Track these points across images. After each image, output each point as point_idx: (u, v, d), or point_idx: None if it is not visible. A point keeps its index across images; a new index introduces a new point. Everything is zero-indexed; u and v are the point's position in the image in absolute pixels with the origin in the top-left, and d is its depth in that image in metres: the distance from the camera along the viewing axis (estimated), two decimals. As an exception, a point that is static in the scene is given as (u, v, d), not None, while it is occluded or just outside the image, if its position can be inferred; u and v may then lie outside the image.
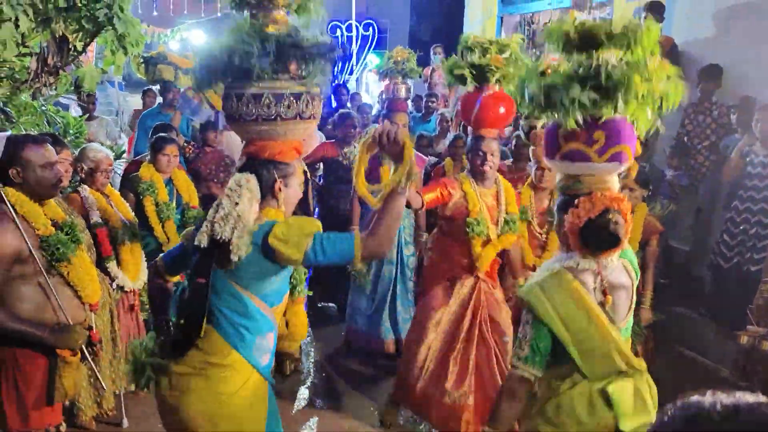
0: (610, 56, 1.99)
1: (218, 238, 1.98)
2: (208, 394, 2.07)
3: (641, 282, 3.88)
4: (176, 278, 2.49)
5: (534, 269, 3.79)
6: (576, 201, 2.08)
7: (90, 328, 2.66)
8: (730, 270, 4.72)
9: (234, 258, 1.97)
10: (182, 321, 2.08)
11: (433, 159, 5.66)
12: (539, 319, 2.06)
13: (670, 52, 5.40)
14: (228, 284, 2.06)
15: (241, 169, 2.12)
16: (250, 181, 2.05)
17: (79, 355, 2.65)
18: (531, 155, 3.95)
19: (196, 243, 2.05)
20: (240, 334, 2.09)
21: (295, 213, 2.25)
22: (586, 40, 2.05)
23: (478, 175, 3.44)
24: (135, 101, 13.35)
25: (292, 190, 2.18)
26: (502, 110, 3.36)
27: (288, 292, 2.28)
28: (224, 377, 2.08)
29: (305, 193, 4.25)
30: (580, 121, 2.03)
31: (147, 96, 7.41)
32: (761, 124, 4.51)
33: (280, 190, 2.11)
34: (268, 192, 2.10)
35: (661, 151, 5.68)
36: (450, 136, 5.66)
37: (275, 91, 2.04)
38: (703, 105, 5.32)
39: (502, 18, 8.96)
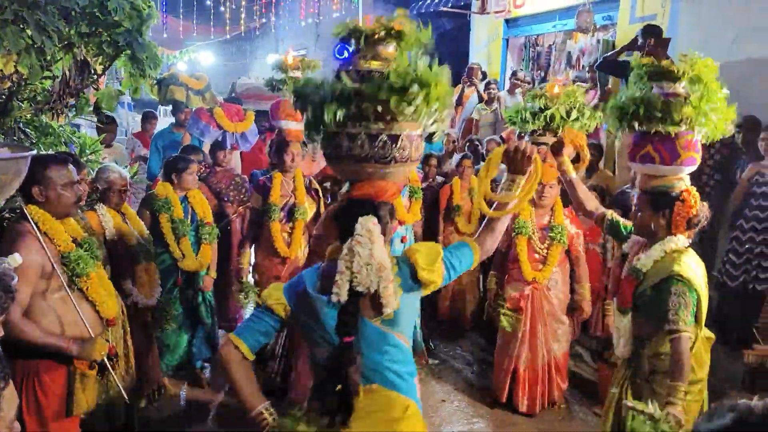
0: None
1: (364, 290, 1.91)
2: None
3: None
4: None
5: (533, 282, 3.90)
6: (681, 195, 2.60)
7: (108, 342, 2.73)
8: (736, 289, 4.75)
9: (390, 308, 1.92)
10: (338, 387, 1.91)
11: (440, 178, 5.74)
12: (694, 288, 2.52)
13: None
14: (386, 334, 1.98)
15: (352, 211, 2.00)
16: (377, 224, 1.97)
17: (97, 368, 2.72)
18: None
19: (334, 299, 1.92)
20: (407, 381, 2.03)
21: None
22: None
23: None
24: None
25: None
26: None
27: None
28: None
29: (318, 211, 4.35)
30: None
31: (148, 122, 7.51)
32: (766, 144, 4.58)
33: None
34: (387, 233, 2.04)
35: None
36: (456, 156, 5.75)
37: (391, 132, 1.98)
38: (707, 125, 5.38)
39: (507, 40, 9.09)
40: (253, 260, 4.47)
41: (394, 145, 1.98)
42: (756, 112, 5.05)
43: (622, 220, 3.00)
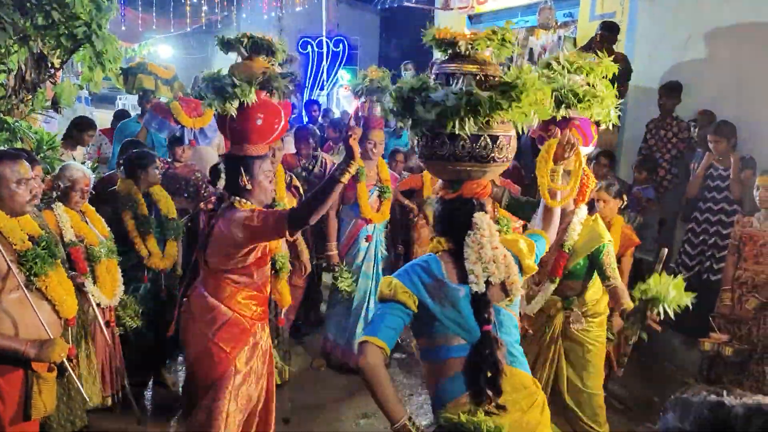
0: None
1: (497, 280, 2.08)
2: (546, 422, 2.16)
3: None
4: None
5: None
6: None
7: (66, 342, 2.66)
8: (691, 279, 4.89)
9: (518, 293, 2.14)
10: (488, 374, 2.01)
11: (406, 173, 5.76)
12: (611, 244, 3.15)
13: (622, 64, 5.60)
14: (511, 316, 2.17)
15: (464, 209, 2.14)
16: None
17: (56, 371, 2.65)
18: None
19: (475, 288, 2.04)
20: (520, 356, 2.19)
21: None
22: None
23: None
24: (101, 116, 13.21)
25: None
26: None
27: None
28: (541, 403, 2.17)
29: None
30: None
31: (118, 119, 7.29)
32: (714, 145, 4.73)
33: None
34: None
35: (627, 165, 5.88)
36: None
37: (492, 133, 2.07)
38: (665, 120, 5.53)
39: (470, 35, 9.16)
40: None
41: (494, 146, 2.08)
42: (709, 104, 5.21)
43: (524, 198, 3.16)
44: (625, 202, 4.13)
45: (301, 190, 4.53)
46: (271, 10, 13.83)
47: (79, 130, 5.54)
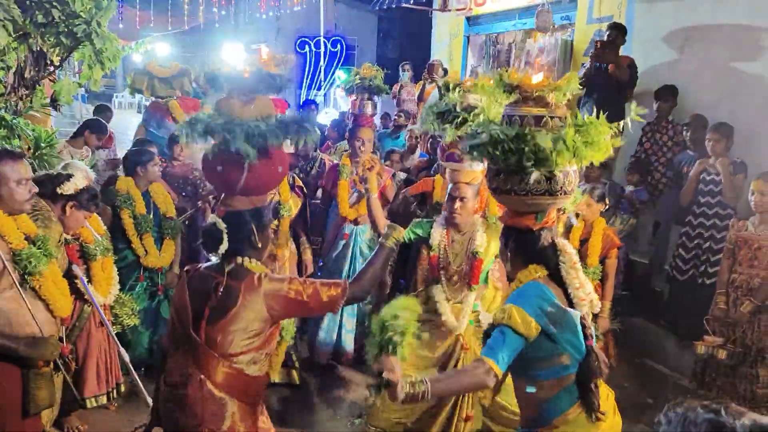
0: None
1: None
2: None
3: (600, 293, 4.06)
4: None
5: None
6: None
7: (61, 340, 2.67)
8: (686, 282, 4.92)
9: (597, 309, 2.41)
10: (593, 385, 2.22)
11: (402, 174, 5.76)
12: None
13: (629, 70, 5.65)
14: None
15: (542, 238, 2.30)
16: None
17: (52, 365, 2.65)
18: None
19: (588, 310, 2.28)
20: None
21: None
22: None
23: None
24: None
25: None
26: None
27: None
28: None
29: (303, 208, 4.41)
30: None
31: (103, 114, 7.24)
32: (712, 143, 4.74)
33: None
34: None
35: (621, 168, 5.90)
36: (419, 152, 5.78)
37: (564, 170, 2.23)
38: (660, 124, 5.56)
39: (468, 37, 9.18)
40: None
41: (565, 180, 2.23)
42: (705, 108, 5.23)
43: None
44: (608, 206, 4.20)
45: (305, 190, 4.51)
46: (269, 10, 13.83)
47: (90, 131, 5.55)
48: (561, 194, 2.23)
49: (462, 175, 3.37)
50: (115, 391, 3.89)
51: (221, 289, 2.24)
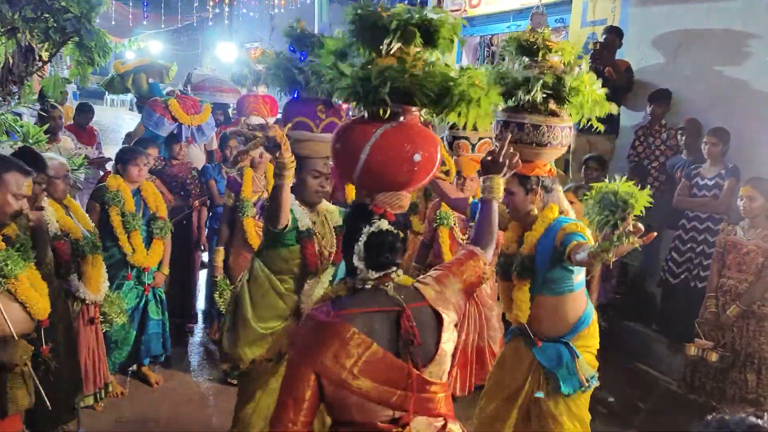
0: None
1: None
2: None
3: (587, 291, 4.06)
4: None
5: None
6: None
7: (39, 342, 2.62)
8: (678, 286, 4.92)
9: None
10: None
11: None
12: None
13: (626, 74, 5.66)
14: None
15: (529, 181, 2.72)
16: None
17: (29, 364, 2.60)
18: (455, 164, 4.21)
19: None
20: None
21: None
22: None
23: None
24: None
25: None
26: None
27: None
28: None
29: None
30: None
31: (84, 114, 7.15)
32: (708, 147, 4.75)
33: None
34: None
35: (615, 169, 5.90)
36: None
37: (549, 123, 2.62)
38: (653, 128, 5.56)
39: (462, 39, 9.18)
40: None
41: (550, 134, 2.65)
42: (697, 112, 5.24)
43: None
44: None
45: None
46: (264, 8, 13.80)
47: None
48: (546, 146, 2.68)
49: None
50: (102, 391, 3.87)
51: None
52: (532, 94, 2.54)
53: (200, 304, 5.54)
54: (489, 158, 2.26)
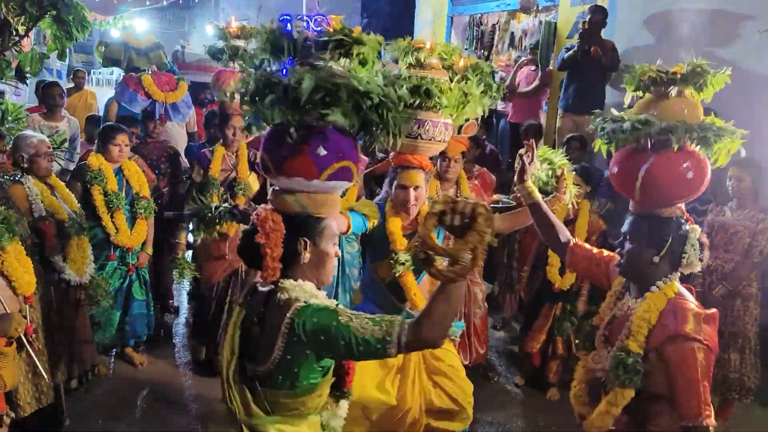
0: None
1: None
2: None
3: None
4: None
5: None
6: None
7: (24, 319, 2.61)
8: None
9: None
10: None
11: (381, 154, 5.67)
12: None
13: (612, 53, 5.64)
14: None
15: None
16: None
17: (15, 345, 2.59)
18: None
19: None
20: None
21: None
22: None
23: None
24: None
25: None
26: None
27: None
28: None
29: (264, 187, 4.31)
30: None
31: (76, 77, 7.06)
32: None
33: None
34: None
35: (603, 153, 5.88)
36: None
37: (431, 119, 2.87)
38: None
39: (452, 18, 9.08)
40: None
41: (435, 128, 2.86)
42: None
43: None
44: (588, 190, 4.20)
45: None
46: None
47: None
48: (430, 140, 2.87)
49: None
50: (90, 372, 3.84)
51: None
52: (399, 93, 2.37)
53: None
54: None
